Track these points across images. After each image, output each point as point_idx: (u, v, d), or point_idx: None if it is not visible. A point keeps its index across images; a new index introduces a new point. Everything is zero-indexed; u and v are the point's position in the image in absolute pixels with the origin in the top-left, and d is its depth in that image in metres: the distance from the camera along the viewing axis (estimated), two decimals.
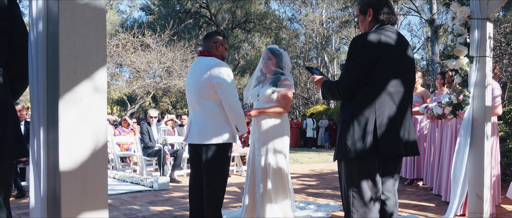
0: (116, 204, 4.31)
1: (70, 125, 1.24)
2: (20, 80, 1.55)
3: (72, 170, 1.24)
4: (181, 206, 4.22)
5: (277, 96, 3.27)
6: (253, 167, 3.33)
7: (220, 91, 2.75)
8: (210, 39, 2.94)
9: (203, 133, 2.78)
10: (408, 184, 5.66)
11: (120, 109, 31.49)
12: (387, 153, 2.05)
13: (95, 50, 1.29)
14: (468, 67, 3.35)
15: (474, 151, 3.26)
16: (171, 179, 6.16)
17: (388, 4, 2.21)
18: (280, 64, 3.35)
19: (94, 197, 1.29)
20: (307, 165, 9.15)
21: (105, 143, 1.31)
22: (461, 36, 3.38)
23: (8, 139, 1.44)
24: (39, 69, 1.30)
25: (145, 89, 16.68)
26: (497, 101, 3.82)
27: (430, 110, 4.42)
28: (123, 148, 7.36)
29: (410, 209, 4.01)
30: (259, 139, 3.30)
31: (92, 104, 1.28)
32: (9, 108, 1.47)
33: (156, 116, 7.21)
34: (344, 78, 2.11)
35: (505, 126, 5.69)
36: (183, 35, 21.31)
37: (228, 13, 24.92)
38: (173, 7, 24.99)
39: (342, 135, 2.11)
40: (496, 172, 3.85)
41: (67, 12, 1.23)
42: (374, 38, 2.07)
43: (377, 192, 2.10)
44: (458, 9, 3.34)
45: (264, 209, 3.20)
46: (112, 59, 15.12)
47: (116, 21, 25.83)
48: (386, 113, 2.05)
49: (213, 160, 2.78)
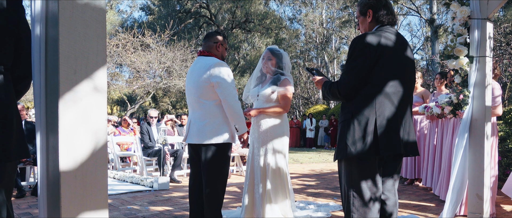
0: (116, 204, 4.31)
1: (70, 125, 1.24)
2: (23, 82, 1.58)
3: (72, 170, 1.24)
4: (181, 206, 4.22)
5: (277, 96, 3.27)
6: (253, 167, 3.33)
7: (220, 91, 2.75)
8: (210, 39, 2.93)
9: (203, 133, 2.78)
10: (408, 184, 5.66)
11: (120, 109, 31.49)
12: (387, 153, 2.06)
13: (95, 50, 1.29)
14: (468, 67, 3.35)
15: (474, 151, 3.26)
16: (171, 179, 6.16)
17: (387, 5, 2.22)
18: (280, 64, 3.35)
19: (94, 197, 1.29)
20: (307, 165, 9.15)
21: (105, 143, 1.31)
22: (461, 36, 3.37)
23: (13, 140, 1.47)
24: (40, 69, 1.30)
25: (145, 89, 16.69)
26: (497, 101, 3.82)
27: (430, 110, 4.43)
28: (123, 148, 7.36)
29: (410, 209, 4.01)
30: (258, 139, 3.30)
31: (92, 104, 1.28)
32: (14, 110, 1.49)
33: (156, 116, 7.21)
34: (344, 79, 2.12)
35: (505, 126, 5.68)
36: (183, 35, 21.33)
37: (228, 13, 24.92)
38: (173, 7, 24.99)
39: (342, 135, 2.11)
40: (495, 173, 3.86)
41: (67, 12, 1.23)
42: (373, 38, 2.08)
43: (377, 192, 2.10)
44: (458, 9, 3.34)
45: (264, 209, 3.20)
46: (112, 59, 15.12)
47: (116, 21, 25.83)
48: (386, 113, 2.06)
49: (213, 160, 2.78)
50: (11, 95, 1.50)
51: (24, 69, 1.55)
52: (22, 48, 1.52)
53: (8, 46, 1.48)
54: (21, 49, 1.52)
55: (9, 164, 1.48)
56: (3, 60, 1.47)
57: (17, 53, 1.53)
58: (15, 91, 1.55)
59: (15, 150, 1.47)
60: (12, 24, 1.49)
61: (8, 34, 1.48)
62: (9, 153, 1.44)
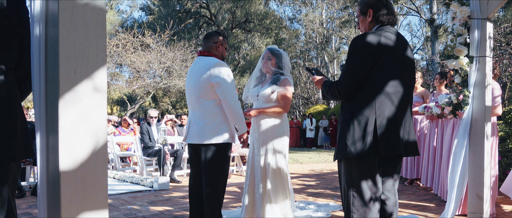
0: (116, 204, 4.31)
1: (70, 125, 1.24)
2: (27, 82, 1.58)
3: (72, 170, 1.24)
4: (181, 206, 4.22)
5: (277, 96, 3.27)
6: (253, 167, 3.33)
7: (220, 91, 2.75)
8: (210, 39, 2.93)
9: (202, 133, 2.78)
10: (408, 184, 5.66)
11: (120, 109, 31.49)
12: (387, 153, 2.06)
13: (95, 50, 1.29)
14: (468, 67, 3.35)
15: (473, 151, 3.26)
16: (171, 179, 6.16)
17: (388, 5, 2.22)
18: (280, 64, 3.35)
19: (94, 197, 1.29)
20: (307, 165, 9.15)
21: (105, 143, 1.31)
22: (461, 36, 3.37)
23: (18, 139, 1.47)
24: (40, 69, 1.30)
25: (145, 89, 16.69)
26: (497, 101, 3.82)
27: (429, 110, 4.43)
28: (123, 148, 7.36)
29: (410, 209, 4.01)
30: (258, 139, 3.30)
31: (92, 104, 1.28)
32: (18, 109, 1.50)
33: (156, 116, 7.21)
34: (344, 78, 2.12)
35: (505, 126, 5.69)
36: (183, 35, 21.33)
37: (228, 13, 24.93)
38: (173, 7, 25.00)
39: (342, 135, 2.11)
40: (495, 173, 3.86)
41: (67, 12, 1.23)
42: (373, 38, 2.08)
43: (377, 192, 2.10)
44: (458, 9, 3.34)
45: (264, 209, 3.20)
46: (112, 59, 15.12)
47: (116, 21, 25.83)
48: (386, 113, 2.06)
49: (213, 160, 2.78)
50: (15, 95, 1.50)
51: (27, 69, 1.54)
52: (25, 49, 1.52)
53: (11, 46, 1.49)
54: (24, 49, 1.52)
55: (14, 164, 1.49)
56: (6, 60, 1.47)
57: (20, 53, 1.53)
58: (19, 91, 1.55)
59: (19, 149, 1.47)
60: (14, 24, 1.49)
61: (11, 34, 1.48)
62: (14, 152, 1.45)
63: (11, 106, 1.46)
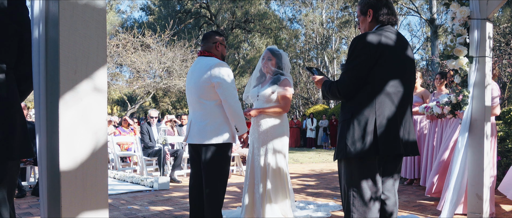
0: (116, 204, 4.31)
1: (70, 125, 1.24)
2: (27, 82, 1.58)
3: (72, 170, 1.25)
4: (181, 206, 4.22)
5: (277, 96, 3.28)
6: (253, 167, 3.33)
7: (220, 91, 2.75)
8: (209, 40, 2.94)
9: (203, 133, 2.78)
10: (408, 184, 5.66)
11: (120, 109, 31.48)
12: (387, 153, 2.06)
13: (95, 50, 1.29)
14: (467, 67, 3.35)
15: (473, 151, 3.27)
16: (171, 179, 6.16)
17: (388, 5, 2.22)
18: (280, 65, 3.35)
19: (94, 197, 1.29)
20: (307, 165, 9.15)
21: (105, 143, 1.31)
22: (460, 36, 3.38)
23: (17, 139, 1.47)
24: (40, 69, 1.31)
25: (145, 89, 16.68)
26: (496, 102, 3.83)
27: (429, 110, 4.43)
28: (123, 148, 7.37)
29: (410, 209, 4.01)
30: (258, 139, 3.30)
31: (92, 104, 1.29)
32: (17, 109, 1.49)
33: (156, 116, 7.21)
34: (344, 78, 2.12)
35: (504, 126, 5.69)
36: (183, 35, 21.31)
37: (228, 13, 24.93)
38: (173, 7, 25.00)
39: (342, 135, 2.11)
40: (493, 173, 3.87)
41: (67, 12, 1.24)
42: (374, 38, 2.08)
43: (377, 191, 2.11)
44: (457, 9, 3.34)
45: (264, 209, 3.21)
46: (112, 59, 15.11)
47: (116, 21, 25.83)
48: (386, 113, 2.06)
49: (213, 160, 2.78)
50: (15, 94, 1.50)
51: (27, 69, 1.54)
52: (24, 48, 1.52)
53: (11, 45, 1.48)
54: (24, 49, 1.52)
55: (11, 163, 1.48)
56: (6, 59, 1.47)
57: (20, 53, 1.53)
58: (19, 92, 1.55)
59: (18, 149, 1.47)
60: (14, 23, 1.49)
61: (11, 33, 1.48)
62: (12, 151, 1.44)
63: (10, 105, 1.46)
